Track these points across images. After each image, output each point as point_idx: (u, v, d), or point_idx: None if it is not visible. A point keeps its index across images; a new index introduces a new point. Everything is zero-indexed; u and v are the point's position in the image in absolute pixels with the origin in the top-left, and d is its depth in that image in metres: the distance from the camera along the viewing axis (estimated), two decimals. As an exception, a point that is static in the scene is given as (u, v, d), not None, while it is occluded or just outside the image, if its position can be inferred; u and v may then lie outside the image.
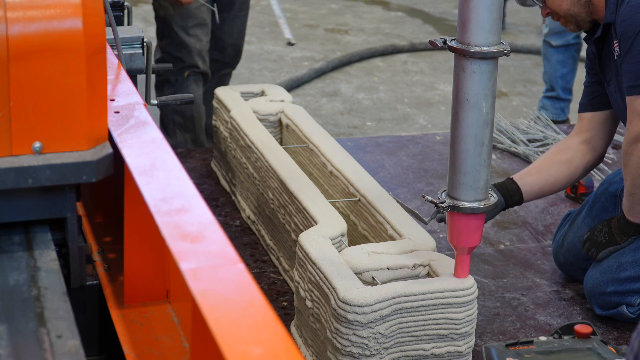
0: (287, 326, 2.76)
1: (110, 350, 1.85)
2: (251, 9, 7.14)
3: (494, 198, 2.41)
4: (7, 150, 1.61)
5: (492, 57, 2.27)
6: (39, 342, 1.41)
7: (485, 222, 2.68)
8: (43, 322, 1.45)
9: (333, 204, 2.91)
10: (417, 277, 2.55)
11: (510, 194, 2.81)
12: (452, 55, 2.34)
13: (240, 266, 1.33)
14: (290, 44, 4.42)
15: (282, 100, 3.65)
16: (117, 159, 1.70)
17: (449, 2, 7.72)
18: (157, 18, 4.13)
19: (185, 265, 1.32)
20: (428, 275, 2.56)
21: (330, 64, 6.07)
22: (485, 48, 2.25)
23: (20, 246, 1.67)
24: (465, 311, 2.45)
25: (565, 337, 2.52)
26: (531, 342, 2.48)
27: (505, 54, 2.26)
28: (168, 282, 1.85)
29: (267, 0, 7.57)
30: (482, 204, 2.38)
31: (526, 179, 2.85)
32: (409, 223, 2.72)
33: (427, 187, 3.77)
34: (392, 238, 2.71)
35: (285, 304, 2.90)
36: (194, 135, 4.22)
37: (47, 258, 1.64)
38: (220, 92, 3.70)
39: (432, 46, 2.32)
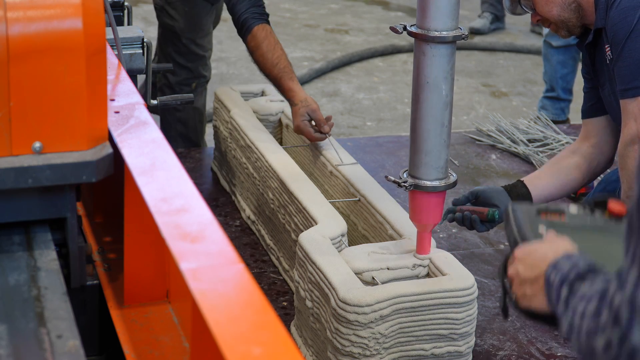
0: (287, 326, 2.76)
1: (110, 350, 1.85)
2: (251, 9, 7.14)
3: (453, 177, 2.49)
4: (7, 150, 1.61)
5: (450, 41, 2.36)
6: (39, 342, 1.41)
7: (493, 227, 2.69)
8: (43, 322, 1.45)
9: (333, 204, 2.91)
10: (417, 277, 2.55)
11: (520, 198, 2.81)
12: None
13: (240, 266, 1.33)
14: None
15: (282, 100, 3.65)
16: (117, 159, 1.70)
17: (449, 2, 7.73)
18: (163, 25, 4.00)
19: (185, 265, 1.32)
20: (428, 275, 2.56)
21: (330, 64, 6.07)
22: (444, 32, 2.34)
23: (20, 246, 1.67)
24: (465, 311, 2.45)
25: (597, 212, 2.45)
26: (562, 212, 2.39)
27: (463, 38, 2.36)
28: (168, 282, 1.85)
29: (268, 0, 7.57)
30: (442, 183, 2.47)
31: (536, 182, 2.84)
32: (409, 223, 2.72)
33: (427, 187, 3.77)
34: (392, 238, 2.71)
35: (285, 304, 2.90)
36: (195, 144, 4.20)
37: (47, 258, 1.64)
38: (220, 92, 3.69)
39: (393, 32, 2.40)
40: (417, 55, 2.40)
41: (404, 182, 2.47)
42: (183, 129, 4.10)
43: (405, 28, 2.38)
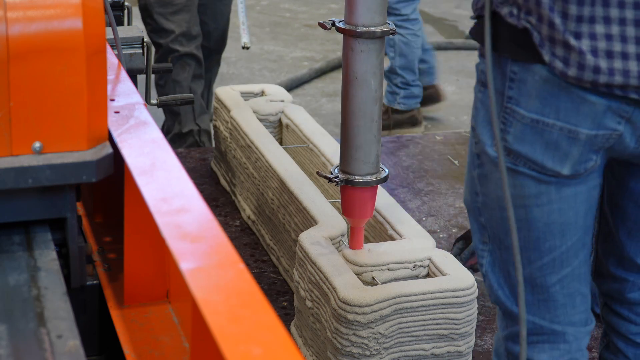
0: (287, 326, 2.76)
1: (110, 350, 1.85)
2: (251, 9, 7.15)
3: (384, 172, 2.50)
4: (7, 150, 1.61)
5: (379, 37, 2.36)
6: (39, 342, 1.41)
7: None
8: (43, 322, 1.45)
9: (333, 204, 2.91)
10: (417, 277, 2.55)
11: None
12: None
13: (240, 266, 1.32)
14: (244, 47, 4.48)
15: (282, 100, 3.65)
16: (117, 159, 1.70)
17: (449, 2, 7.72)
18: (139, 7, 4.19)
19: (185, 265, 1.32)
20: (428, 275, 2.56)
21: (330, 64, 6.07)
22: (372, 28, 2.35)
23: (20, 246, 1.67)
24: (465, 311, 2.45)
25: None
26: None
27: (391, 34, 2.35)
28: (168, 282, 1.85)
29: (268, 0, 7.57)
30: (373, 177, 2.48)
31: None
32: (409, 223, 2.72)
33: (427, 187, 3.77)
34: (392, 238, 2.71)
35: (285, 304, 2.90)
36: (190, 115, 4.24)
37: (47, 258, 1.64)
38: (220, 92, 3.70)
39: (322, 28, 2.41)
40: (345, 51, 2.40)
41: (335, 178, 2.48)
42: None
43: (333, 24, 2.39)
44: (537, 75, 1.69)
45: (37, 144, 1.62)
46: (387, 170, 2.52)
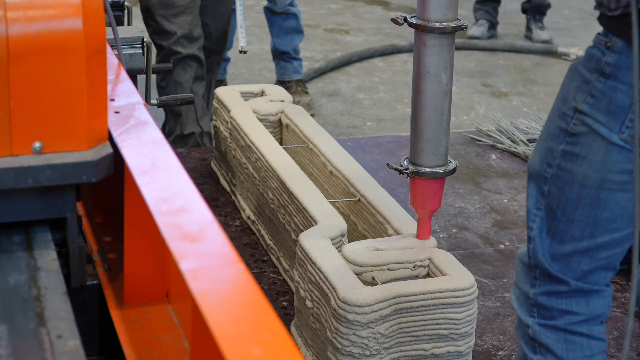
0: (287, 326, 2.76)
1: (110, 350, 1.85)
2: (251, 9, 7.15)
3: (452, 164, 2.56)
4: (7, 150, 1.61)
5: (450, 32, 2.43)
6: (39, 342, 1.41)
7: None
8: (43, 322, 1.45)
9: (333, 204, 2.91)
10: (417, 277, 2.55)
11: None
12: None
13: (240, 266, 1.32)
14: (242, 51, 4.55)
15: (282, 100, 3.64)
16: (117, 159, 1.70)
17: (449, 2, 7.72)
18: (141, 9, 4.19)
19: (185, 265, 1.32)
20: (428, 275, 2.56)
21: (330, 64, 6.07)
22: (444, 23, 2.42)
23: (20, 246, 1.67)
24: (465, 311, 2.45)
25: None
26: None
27: (462, 29, 2.42)
28: (168, 282, 1.85)
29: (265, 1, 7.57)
30: (442, 169, 2.54)
31: None
32: (409, 223, 2.72)
33: (427, 187, 3.77)
34: (392, 238, 2.70)
35: (285, 304, 2.90)
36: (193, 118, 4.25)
37: (47, 258, 1.64)
38: (220, 92, 3.70)
39: (394, 23, 2.47)
40: (417, 46, 2.47)
41: (406, 170, 2.54)
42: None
43: (405, 20, 2.45)
44: None
45: (37, 144, 1.62)
46: (454, 162, 2.58)
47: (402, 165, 2.55)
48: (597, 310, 2.07)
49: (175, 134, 4.24)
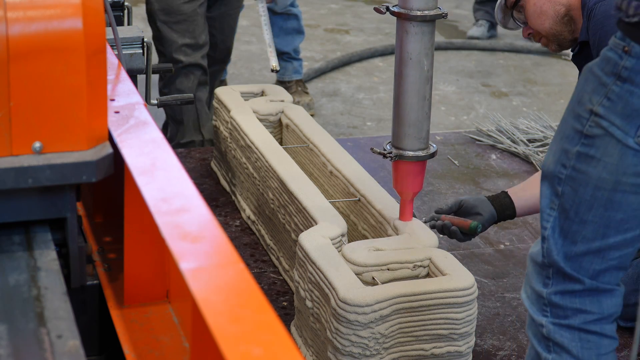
0: (287, 326, 2.76)
1: (110, 350, 1.85)
2: (251, 9, 7.14)
3: (433, 148, 2.66)
4: (7, 150, 1.61)
5: (431, 20, 2.52)
6: (39, 342, 1.41)
7: (477, 235, 2.73)
8: (43, 322, 1.45)
9: (333, 204, 2.91)
10: (417, 277, 2.55)
11: (503, 208, 2.81)
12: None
13: (240, 266, 1.33)
14: (273, 70, 4.59)
15: (282, 100, 3.64)
16: (117, 159, 1.70)
17: (449, 2, 7.72)
18: (146, 12, 4.20)
19: (185, 265, 1.32)
20: (428, 275, 2.56)
21: (330, 64, 6.07)
22: (425, 12, 2.51)
23: (20, 246, 1.67)
24: (465, 311, 2.45)
25: None
26: None
27: (443, 17, 2.50)
28: (168, 282, 1.85)
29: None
30: (424, 153, 2.64)
31: (520, 193, 2.84)
32: (409, 223, 2.72)
33: (427, 187, 3.77)
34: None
35: (285, 304, 2.90)
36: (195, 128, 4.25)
37: (47, 258, 1.64)
38: (220, 92, 3.70)
39: (377, 12, 2.57)
40: (400, 33, 2.55)
41: (389, 153, 2.63)
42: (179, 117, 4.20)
43: (388, 8, 2.54)
44: None
45: (37, 144, 1.62)
46: (434, 146, 2.66)
47: (385, 150, 2.64)
48: (609, 310, 2.08)
49: (175, 141, 4.24)
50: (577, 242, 2.04)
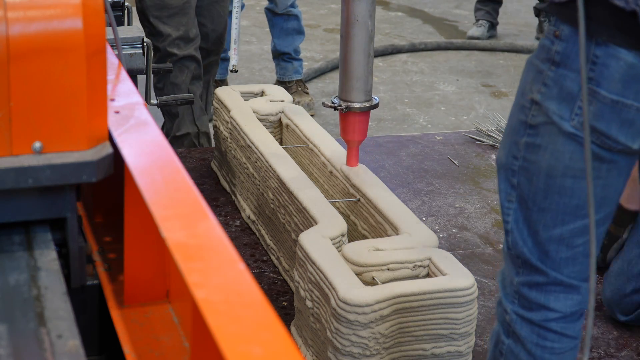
0: (287, 326, 2.76)
1: (110, 350, 1.85)
2: (251, 9, 7.15)
3: (375, 100, 3.01)
4: (7, 150, 1.61)
5: None
6: (39, 342, 1.41)
7: None
8: (43, 322, 1.45)
9: (333, 204, 2.91)
10: (417, 277, 2.55)
11: None
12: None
13: (240, 266, 1.32)
14: (232, 71, 4.62)
15: (282, 100, 3.65)
16: (117, 159, 1.69)
17: (449, 2, 7.72)
18: (137, 11, 4.21)
19: (185, 265, 1.32)
20: (428, 275, 2.56)
21: (330, 64, 6.07)
22: None
23: (20, 246, 1.66)
24: (465, 311, 2.45)
25: None
26: None
27: None
28: (168, 282, 1.85)
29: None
30: (368, 104, 2.99)
31: None
32: (409, 223, 2.72)
33: (427, 187, 3.77)
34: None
35: (285, 304, 2.90)
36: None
37: (47, 258, 1.64)
38: (220, 92, 3.70)
39: None
40: None
41: (339, 106, 2.96)
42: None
43: None
44: (622, 61, 1.83)
45: (37, 144, 1.62)
46: (377, 98, 3.01)
47: (334, 103, 2.98)
48: (573, 308, 2.08)
49: (171, 135, 4.25)
50: (539, 231, 2.05)
